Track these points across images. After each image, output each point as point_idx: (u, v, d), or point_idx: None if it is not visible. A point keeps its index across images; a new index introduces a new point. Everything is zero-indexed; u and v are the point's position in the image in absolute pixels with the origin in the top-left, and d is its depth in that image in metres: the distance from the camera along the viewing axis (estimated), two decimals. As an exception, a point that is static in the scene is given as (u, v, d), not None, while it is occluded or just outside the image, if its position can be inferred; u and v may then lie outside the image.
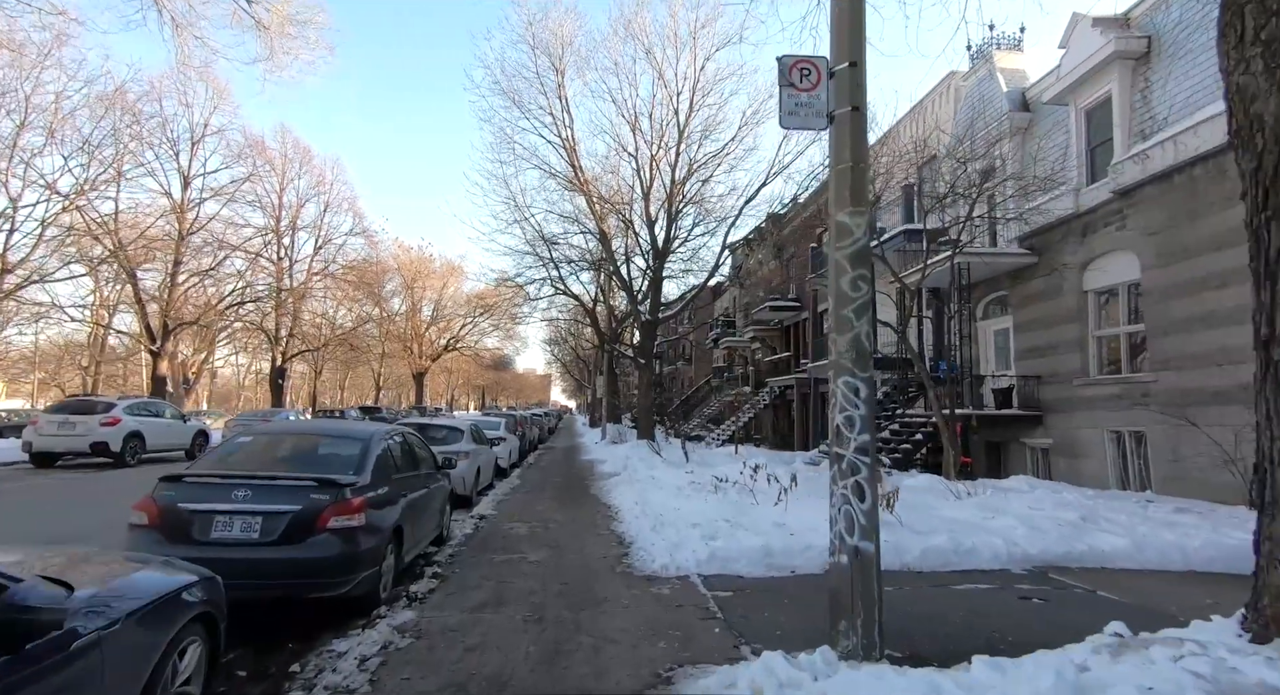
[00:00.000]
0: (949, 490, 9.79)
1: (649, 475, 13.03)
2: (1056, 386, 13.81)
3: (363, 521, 5.04)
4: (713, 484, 10.41)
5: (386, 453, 6.03)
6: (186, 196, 24.51)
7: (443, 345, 46.27)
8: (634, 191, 23.04)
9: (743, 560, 6.30)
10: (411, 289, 43.54)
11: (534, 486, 13.43)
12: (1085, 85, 12.95)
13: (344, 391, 61.76)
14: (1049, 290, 14.05)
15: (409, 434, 7.11)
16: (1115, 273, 12.53)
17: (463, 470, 10.77)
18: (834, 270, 4.07)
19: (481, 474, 11.94)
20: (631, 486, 11.90)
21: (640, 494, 10.57)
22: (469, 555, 7.11)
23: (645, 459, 17.07)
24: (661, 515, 8.29)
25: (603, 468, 16.81)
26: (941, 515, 7.94)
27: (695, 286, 24.48)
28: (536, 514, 9.85)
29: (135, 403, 15.55)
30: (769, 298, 28.55)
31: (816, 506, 7.92)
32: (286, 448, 5.92)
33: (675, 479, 11.99)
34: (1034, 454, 14.68)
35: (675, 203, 22.32)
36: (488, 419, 17.20)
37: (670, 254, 22.82)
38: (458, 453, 10.91)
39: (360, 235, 33.70)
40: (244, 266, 27.22)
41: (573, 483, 14.04)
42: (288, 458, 5.75)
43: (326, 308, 34.99)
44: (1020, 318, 15.12)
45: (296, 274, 31.33)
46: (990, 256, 14.65)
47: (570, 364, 63.37)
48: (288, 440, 6.12)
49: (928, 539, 6.51)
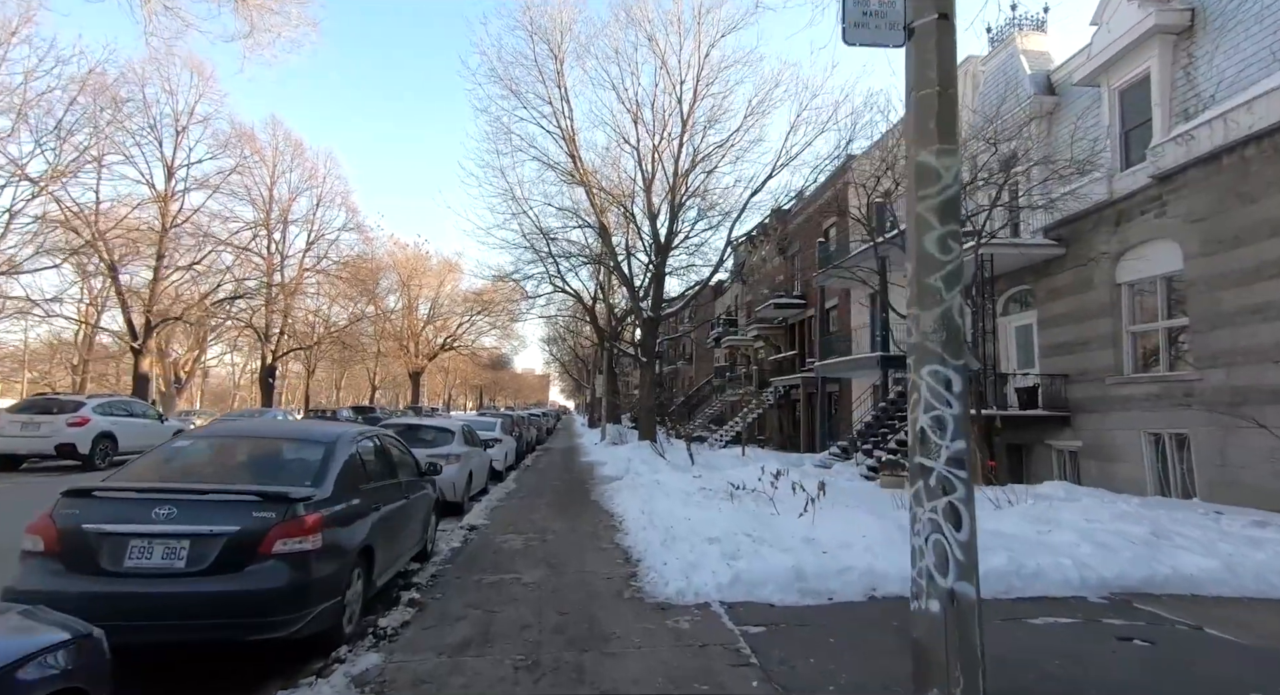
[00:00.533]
0: (986, 498, 8.86)
1: (653, 479, 12.09)
2: (1086, 385, 12.90)
3: (319, 544, 4.10)
4: (726, 491, 9.47)
5: (355, 459, 5.09)
6: (170, 187, 23.50)
7: (439, 344, 45.26)
8: (635, 184, 22.15)
9: (771, 584, 5.37)
10: (408, 287, 42.52)
11: (531, 491, 12.49)
12: (1121, 63, 12.05)
13: (340, 391, 60.69)
14: (1078, 283, 13.15)
15: (384, 436, 6.17)
16: (1153, 263, 11.62)
17: (452, 475, 9.83)
18: (915, 227, 3.13)
19: (474, 478, 11.01)
20: (635, 492, 10.97)
21: (646, 501, 9.63)
22: (454, 575, 6.17)
23: (648, 461, 16.14)
24: (671, 527, 7.35)
25: (603, 471, 15.87)
26: (986, 528, 6.96)
27: (699, 282, 23.56)
28: (532, 523, 8.91)
29: (107, 401, 14.56)
30: (773, 295, 27.65)
31: (845, 518, 7.00)
32: (234, 454, 4.97)
33: (683, 484, 11.04)
34: (1061, 457, 13.77)
35: (678, 195, 21.40)
36: (482, 419, 16.25)
37: (673, 249, 21.91)
38: (447, 456, 9.97)
39: (353, 230, 32.77)
40: (232, 261, 26.13)
41: (572, 487, 13.10)
42: (234, 466, 4.80)
43: (319, 305, 33.98)
44: (1045, 313, 14.21)
45: (287, 270, 30.33)
46: (1014, 248, 13.73)
47: (569, 363, 62.41)
48: (237, 445, 5.17)
49: (984, 558, 5.57)
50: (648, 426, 21.45)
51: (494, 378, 73.97)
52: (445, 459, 9.93)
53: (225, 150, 25.09)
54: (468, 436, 11.15)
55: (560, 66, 20.77)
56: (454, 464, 9.98)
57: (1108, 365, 12.40)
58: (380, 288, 41.05)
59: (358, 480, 5.00)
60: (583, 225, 22.53)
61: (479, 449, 11.94)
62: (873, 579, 5.41)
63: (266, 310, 28.73)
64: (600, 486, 12.96)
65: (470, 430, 11.61)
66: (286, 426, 6.28)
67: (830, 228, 24.57)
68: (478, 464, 11.44)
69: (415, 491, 6.44)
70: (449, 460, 9.97)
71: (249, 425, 6.59)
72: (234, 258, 26.34)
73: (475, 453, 11.38)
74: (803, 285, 27.28)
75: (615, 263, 21.93)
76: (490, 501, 11.00)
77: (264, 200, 28.92)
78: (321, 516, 4.20)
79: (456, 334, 45.62)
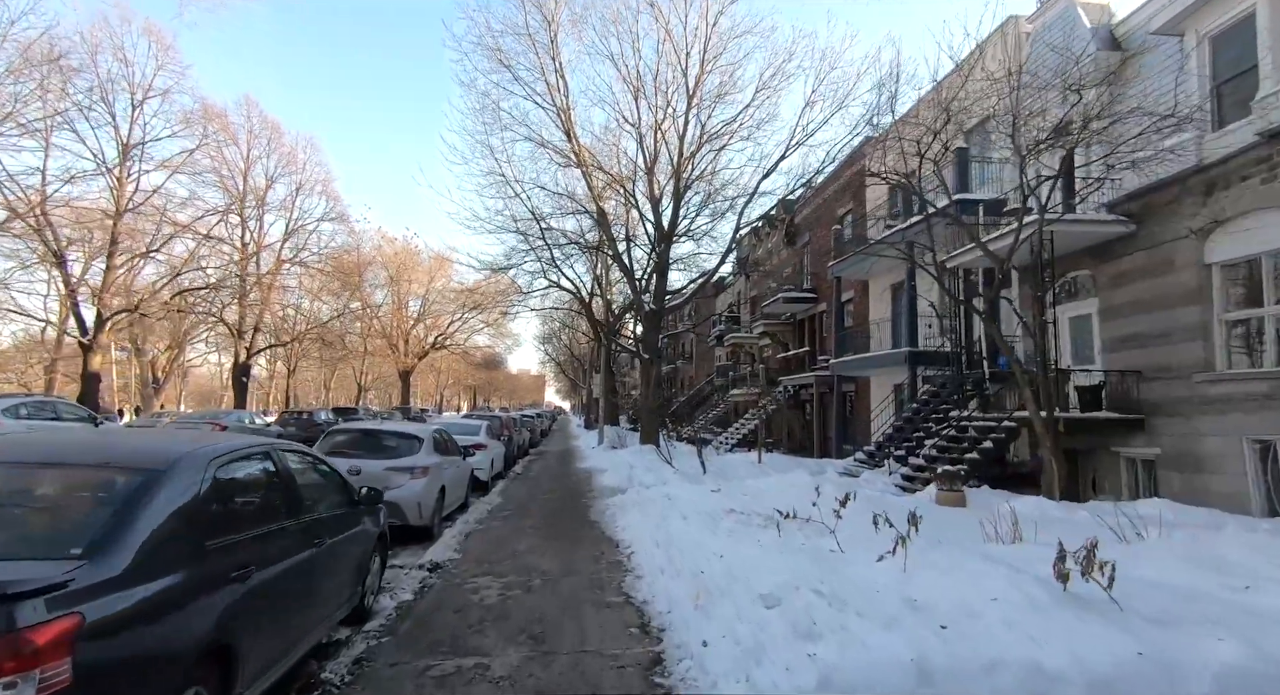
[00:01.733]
0: (1095, 521, 6.87)
1: (663, 493, 10.05)
2: (1167, 384, 10.94)
3: (66, 675, 2.06)
4: (761, 513, 7.46)
5: (205, 496, 3.02)
6: (125, 167, 21.26)
7: (430, 343, 43.08)
8: (636, 167, 20.12)
9: (881, 691, 3.34)
10: (397, 283, 40.32)
11: (517, 508, 10.43)
12: (1213, 5, 10.10)
13: (329, 392, 58.34)
14: (1153, 265, 11.19)
15: (281, 452, 4.07)
16: (1257, 238, 9.65)
17: (416, 493, 7.78)
18: None
19: (447, 495, 8.96)
20: (644, 511, 8.94)
21: (659, 525, 7.60)
22: (388, 661, 4.11)
23: (653, 469, 14.11)
24: (702, 572, 5.33)
25: (603, 479, 13.83)
26: (1137, 575, 4.97)
27: (704, 273, 21.52)
28: (515, 557, 6.87)
29: (21, 402, 12.41)
30: (782, 289, 25.66)
31: (948, 564, 4.98)
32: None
33: (700, 500, 9.02)
34: (1131, 466, 11.81)
35: (683, 178, 19.39)
36: (466, 422, 14.19)
37: (676, 236, 19.90)
38: (412, 468, 7.93)
39: (335, 220, 30.51)
40: (195, 249, 23.73)
41: (566, 502, 11.05)
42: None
43: (299, 299, 31.75)
44: (1110, 301, 12.24)
45: (264, 262, 28.08)
46: (1076, 225, 11.76)
47: (565, 363, 60.34)
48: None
49: (1209, 646, 3.55)
50: (650, 429, 19.42)
51: (488, 378, 71.72)
52: (410, 473, 7.91)
53: (190, 129, 22.95)
54: (441, 444, 9.09)
55: (554, 37, 18.75)
56: (419, 479, 7.93)
57: (1195, 360, 10.43)
58: (368, 283, 38.94)
59: (206, 532, 2.94)
60: (578, 211, 20.49)
61: (457, 458, 9.90)
62: (1043, 683, 3.39)
63: (240, 304, 26.51)
64: (600, 501, 10.92)
65: (444, 437, 9.56)
66: (100, 441, 3.99)
67: (845, 215, 22.60)
68: (454, 476, 9.39)
69: (340, 531, 4.39)
70: (414, 474, 7.93)
71: (36, 442, 3.87)
72: (200, 246, 23.97)
73: (451, 463, 9.33)
74: (813, 278, 25.31)
75: (615, 251, 19.88)
76: (468, 522, 8.95)
77: (238, 186, 26.74)
78: (79, 621, 2.14)
79: (447, 332, 43.46)
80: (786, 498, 9.10)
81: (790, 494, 9.48)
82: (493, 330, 44.96)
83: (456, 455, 9.90)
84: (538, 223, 19.07)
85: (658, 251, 19.59)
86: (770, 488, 10.11)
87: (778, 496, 9.30)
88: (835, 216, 23.50)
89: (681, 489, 10.43)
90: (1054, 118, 10.57)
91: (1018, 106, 9.93)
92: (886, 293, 20.21)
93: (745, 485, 10.50)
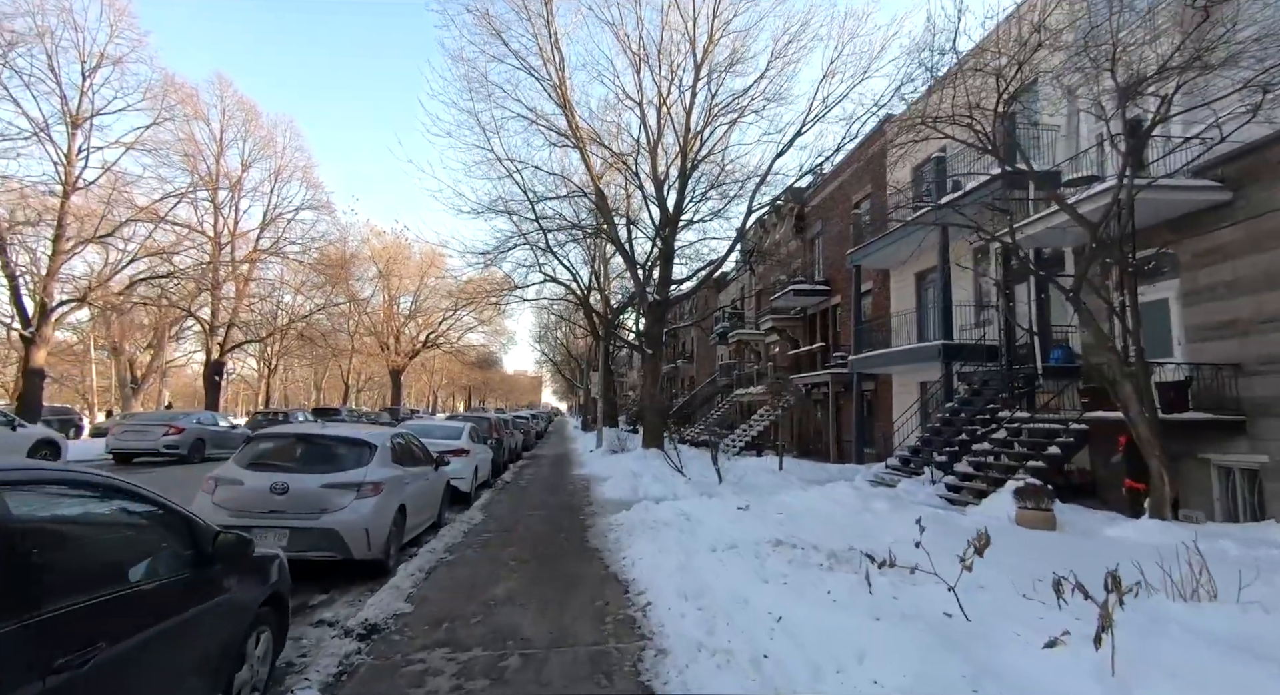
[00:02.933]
0: (1232, 555, 4.99)
1: (678, 511, 8.15)
2: (1275, 380, 9.09)
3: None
4: (816, 548, 5.55)
5: None
6: (74, 144, 19.16)
7: (421, 341, 41.03)
8: (639, 145, 18.21)
9: None
10: (387, 279, 38.27)
11: (500, 529, 8.48)
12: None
13: (320, 392, 56.19)
14: (1255, 239, 9.35)
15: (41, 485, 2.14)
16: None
17: (362, 517, 5.86)
18: None
19: (411, 515, 7.03)
20: (657, 536, 7.03)
21: (683, 563, 5.70)
22: None
23: (661, 477, 12.19)
24: (765, 656, 3.44)
25: (603, 490, 11.90)
26: None
27: (711, 262, 19.60)
28: (488, 612, 4.95)
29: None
30: (792, 281, 23.78)
31: (1172, 655, 3.08)
32: None
33: (729, 523, 7.11)
34: (1225, 477, 9.95)
35: (691, 156, 17.50)
36: (446, 424, 12.22)
37: (683, 221, 18.00)
38: (356, 485, 6.00)
39: (315, 209, 28.35)
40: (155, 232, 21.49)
41: (561, 521, 9.11)
42: None
43: (279, 293, 29.56)
44: (1196, 282, 10.39)
45: (239, 252, 25.87)
46: (1163, 192, 9.88)
47: (561, 363, 58.35)
48: None
49: None
50: (654, 430, 17.51)
51: (483, 378, 69.58)
52: (355, 490, 6.00)
53: (150, 102, 20.73)
54: (401, 451, 7.15)
55: (549, 3, 16.86)
56: (368, 498, 6.00)
57: (1316, 350, 8.60)
58: (356, 279, 36.90)
59: None
60: (574, 193, 18.57)
61: (425, 469, 7.98)
62: None
63: (214, 297, 24.43)
64: (601, 519, 9.00)
65: (407, 442, 7.62)
66: None
67: (863, 201, 20.74)
68: (420, 491, 7.45)
69: (170, 612, 2.48)
70: (361, 492, 6.00)
71: None
72: (163, 232, 21.69)
73: (417, 475, 7.40)
74: (826, 270, 23.45)
75: (615, 236, 17.95)
76: (435, 551, 7.02)
77: (209, 169, 24.56)
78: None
79: (439, 330, 41.42)
80: (835, 518, 7.23)
81: (839, 514, 7.61)
82: (487, 328, 43.04)
83: (425, 465, 7.96)
84: (530, 204, 17.14)
85: (662, 237, 17.69)
86: (808, 504, 8.22)
87: (823, 517, 7.43)
88: (851, 203, 21.63)
89: (699, 505, 8.52)
90: (1153, 56, 8.69)
91: (1117, 34, 8.03)
92: (910, 282, 18.37)
93: (777, 501, 8.59)
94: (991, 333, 14.63)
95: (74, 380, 44.43)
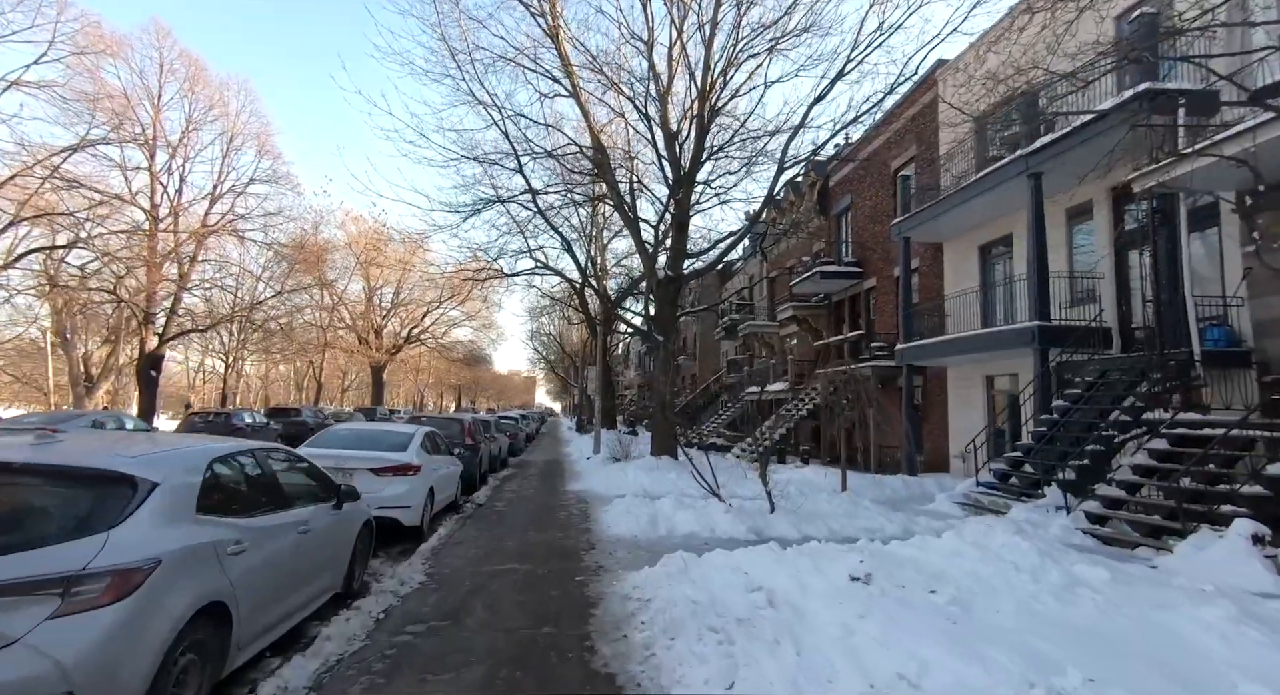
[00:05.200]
0: None
1: (748, 587, 4.72)
2: None
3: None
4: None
5: None
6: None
7: (403, 337, 37.31)
8: (648, 94, 14.77)
9: None
10: (366, 268, 34.51)
11: (442, 613, 4.92)
12: None
13: (302, 391, 52.23)
14: None
15: None
16: None
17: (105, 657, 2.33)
18: None
19: (301, 592, 3.54)
20: (729, 654, 3.56)
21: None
22: None
23: (687, 501, 8.71)
24: None
25: (609, 520, 8.40)
26: None
27: (733, 234, 16.13)
28: None
29: None
30: (818, 263, 20.39)
31: None
32: None
33: (866, 627, 3.65)
34: None
35: (711, 99, 14.09)
36: (390, 430, 8.58)
37: (699, 184, 14.58)
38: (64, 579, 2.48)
39: (274, 182, 24.49)
40: (70, 203, 17.74)
41: (546, 593, 5.49)
42: None
43: (232, 277, 25.62)
44: None
45: (182, 230, 22.04)
46: None
47: (555, 362, 54.81)
48: None
49: None
50: (665, 435, 14.08)
51: (473, 377, 65.77)
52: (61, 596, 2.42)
53: (34, 28, 16.64)
54: (219, 488, 3.62)
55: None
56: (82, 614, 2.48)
57: None
58: (332, 268, 33.21)
59: None
60: (565, 149, 15.07)
61: (350, 505, 4.55)
62: None
63: (149, 279, 20.63)
64: (614, 587, 5.50)
65: (285, 471, 4.13)
66: None
67: (906, 164, 17.39)
68: (326, 545, 4.00)
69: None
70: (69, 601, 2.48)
71: None
72: (71, 198, 17.94)
73: (323, 519, 3.94)
74: (857, 250, 20.08)
75: (618, 198, 14.49)
76: (339, 643, 3.55)
77: (147, 134, 20.63)
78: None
79: (424, 325, 37.74)
80: (1014, 590, 3.82)
81: (1020, 582, 4.23)
82: (474, 323, 39.45)
83: (302, 506, 4.36)
84: (515, 155, 13.61)
85: (676, 200, 14.25)
86: (968, 569, 4.77)
87: (1024, 605, 3.98)
88: (891, 171, 18.29)
89: (771, 563, 5.09)
90: None
91: None
92: (971, 257, 15.02)
93: (904, 558, 5.13)
94: (1092, 312, 11.34)
95: (38, 380, 40.52)
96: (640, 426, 32.41)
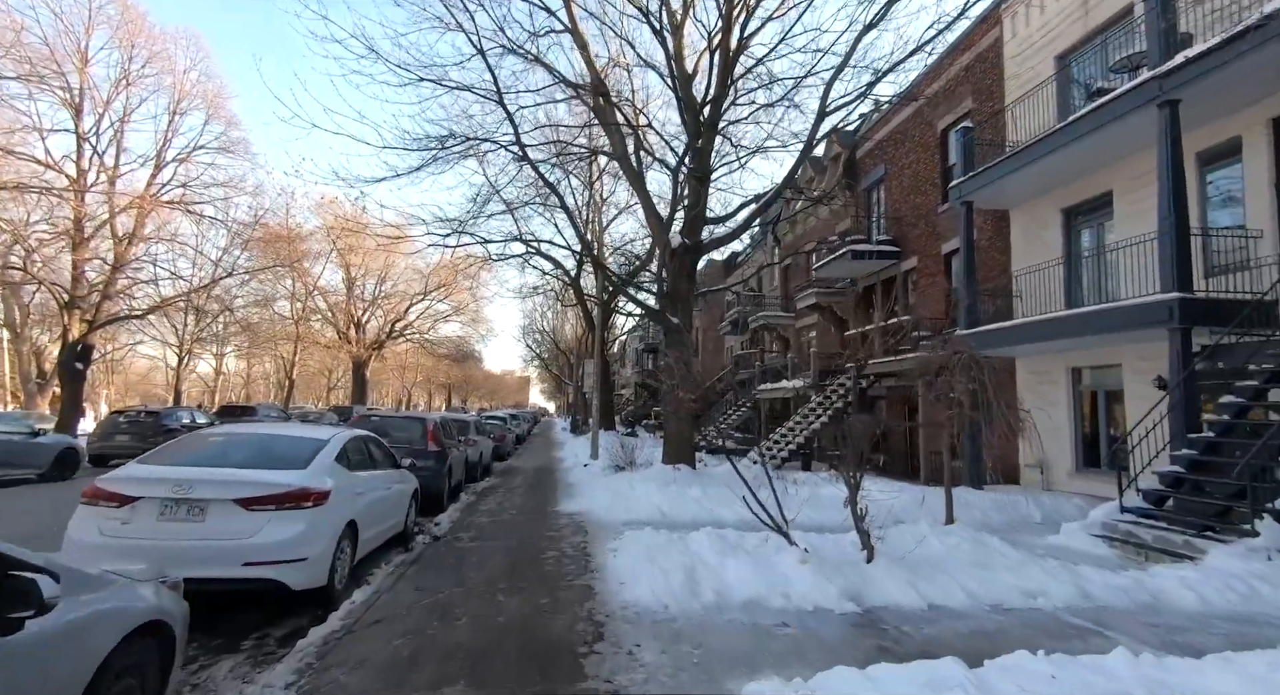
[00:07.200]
0: None
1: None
2: None
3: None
4: None
5: None
6: None
7: (386, 331, 34.20)
8: (662, 25, 11.88)
9: None
10: (344, 254, 31.39)
11: None
12: None
13: (283, 389, 48.86)
14: None
15: None
16: None
17: None
18: None
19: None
20: None
21: None
22: None
23: (741, 544, 5.80)
24: None
25: (619, 568, 5.50)
26: None
27: (761, 195, 13.27)
28: None
29: None
30: (848, 241, 17.60)
31: None
32: None
33: None
34: None
35: (735, 31, 11.28)
36: (283, 435, 5.64)
37: (723, 123, 11.77)
38: None
39: (223, 151, 21.11)
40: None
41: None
42: None
43: (180, 255, 22.38)
44: None
45: (120, 200, 18.85)
46: None
47: (549, 359, 51.78)
48: None
49: None
50: (682, 440, 11.23)
51: (464, 375, 62.56)
52: None
53: None
54: None
55: None
56: None
57: None
58: (310, 255, 30.13)
59: None
60: (554, 88, 12.18)
61: None
62: None
63: (75, 259, 17.46)
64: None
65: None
66: None
67: (956, 123, 14.59)
68: None
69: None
70: None
71: None
72: None
73: None
74: (890, 228, 17.31)
75: (623, 151, 11.62)
76: None
77: (70, 88, 17.44)
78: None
79: (408, 319, 34.64)
80: None
81: None
82: (463, 317, 36.40)
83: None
84: (495, 85, 10.68)
85: (695, 150, 11.40)
86: None
87: None
88: (936, 133, 15.52)
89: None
90: None
91: None
92: (1054, 222, 12.21)
93: None
94: (1234, 282, 8.60)
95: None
96: (640, 428, 29.52)
